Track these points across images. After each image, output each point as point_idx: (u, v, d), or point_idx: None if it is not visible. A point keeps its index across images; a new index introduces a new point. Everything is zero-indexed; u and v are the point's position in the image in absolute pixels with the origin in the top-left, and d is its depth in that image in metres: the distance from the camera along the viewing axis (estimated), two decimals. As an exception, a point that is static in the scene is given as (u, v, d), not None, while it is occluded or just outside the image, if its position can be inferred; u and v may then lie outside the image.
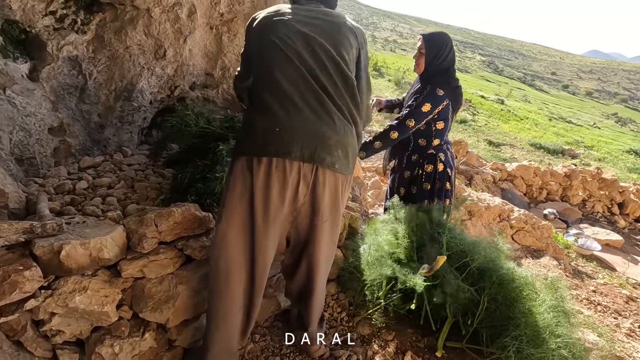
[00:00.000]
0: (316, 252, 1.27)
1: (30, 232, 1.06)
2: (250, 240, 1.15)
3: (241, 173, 1.13)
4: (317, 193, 1.16)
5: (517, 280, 1.56)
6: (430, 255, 1.62)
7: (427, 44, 1.88)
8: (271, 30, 1.20)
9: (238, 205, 1.13)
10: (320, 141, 1.13)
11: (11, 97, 1.83)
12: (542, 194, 5.08)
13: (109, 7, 2.31)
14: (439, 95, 1.84)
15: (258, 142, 1.12)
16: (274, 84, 1.15)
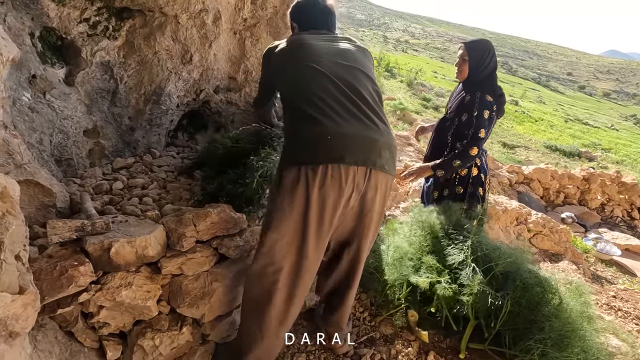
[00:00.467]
0: (359, 252, 1.32)
1: (82, 230, 1.13)
2: (300, 249, 1.17)
3: (294, 184, 1.13)
4: (367, 196, 1.20)
5: (541, 284, 1.57)
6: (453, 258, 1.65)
7: (470, 52, 1.93)
8: (303, 53, 1.29)
9: (290, 216, 1.14)
10: (369, 144, 1.16)
11: (50, 101, 1.92)
12: (560, 198, 5.02)
13: (138, 14, 2.40)
14: (489, 101, 1.88)
15: (310, 151, 1.13)
16: (316, 100, 1.18)
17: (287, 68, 1.32)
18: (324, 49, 1.31)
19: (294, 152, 1.18)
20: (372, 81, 1.30)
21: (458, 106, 1.98)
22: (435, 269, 1.71)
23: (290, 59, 1.33)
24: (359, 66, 1.30)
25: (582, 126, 17.74)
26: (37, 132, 1.75)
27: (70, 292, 1.05)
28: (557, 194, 5.04)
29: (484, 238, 1.71)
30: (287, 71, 1.32)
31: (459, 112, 1.96)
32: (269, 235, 1.17)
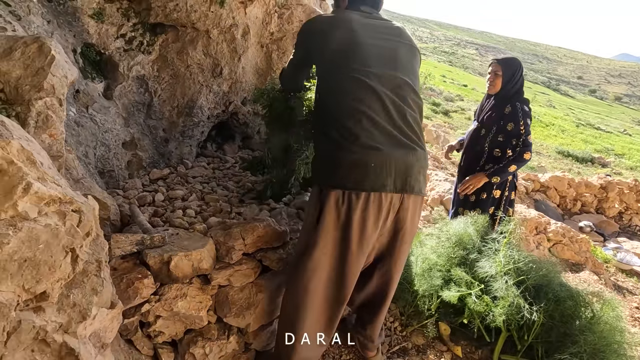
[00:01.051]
0: (393, 267, 1.36)
1: (141, 243, 1.20)
2: (342, 265, 1.22)
3: (336, 205, 1.16)
4: (401, 216, 1.25)
5: (572, 298, 1.60)
6: (485, 271, 1.68)
7: (504, 67, 2.13)
8: (351, 55, 1.21)
9: (333, 234, 1.19)
10: (409, 170, 1.19)
11: (92, 115, 2.01)
12: (577, 206, 5.00)
13: (171, 29, 2.49)
14: (528, 110, 2.10)
15: (353, 177, 1.14)
16: (361, 117, 1.16)
17: (332, 71, 1.24)
18: (374, 50, 1.23)
19: (336, 174, 1.17)
20: (416, 93, 1.30)
21: (498, 117, 2.11)
22: (465, 281, 1.75)
23: (337, 59, 1.23)
24: (407, 77, 1.27)
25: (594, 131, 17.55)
26: (83, 145, 1.84)
27: (135, 303, 1.12)
28: (574, 202, 5.02)
29: (515, 250, 1.75)
30: (332, 74, 1.25)
31: (499, 122, 2.11)
32: (314, 252, 1.20)
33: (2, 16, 1.60)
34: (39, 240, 0.65)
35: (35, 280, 0.65)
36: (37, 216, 0.67)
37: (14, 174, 0.66)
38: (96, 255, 0.78)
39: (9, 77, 1.16)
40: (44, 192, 0.68)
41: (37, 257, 0.65)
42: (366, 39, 1.24)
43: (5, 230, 0.61)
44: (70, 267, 0.71)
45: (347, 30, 1.25)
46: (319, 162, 1.27)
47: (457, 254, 1.89)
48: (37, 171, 0.71)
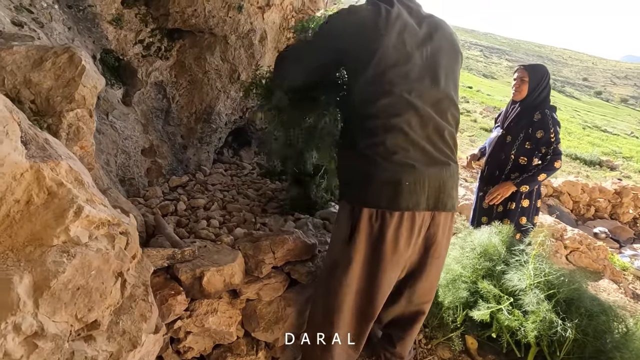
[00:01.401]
0: (424, 284, 1.32)
1: (172, 258, 1.18)
2: (374, 281, 1.19)
3: (369, 222, 1.13)
4: (432, 232, 1.21)
5: (605, 312, 1.56)
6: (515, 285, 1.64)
7: (531, 73, 2.09)
8: (393, 63, 1.10)
9: (365, 250, 1.16)
10: (442, 188, 1.16)
11: (113, 122, 2.00)
12: (590, 211, 4.94)
13: (188, 35, 2.48)
14: (556, 118, 2.05)
15: (387, 196, 1.11)
16: (395, 130, 1.10)
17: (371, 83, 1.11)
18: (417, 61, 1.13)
19: (370, 192, 1.12)
20: (455, 107, 1.24)
21: (526, 124, 2.07)
22: (494, 295, 1.71)
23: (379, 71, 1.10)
24: (448, 88, 1.20)
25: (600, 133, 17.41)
26: (104, 153, 1.82)
27: (169, 321, 1.09)
28: (588, 208, 4.96)
29: (545, 262, 1.71)
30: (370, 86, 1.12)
31: (528, 129, 2.07)
32: (350, 268, 1.16)
33: (27, 24, 1.58)
34: (91, 267, 0.63)
35: (88, 308, 0.62)
36: (88, 241, 0.65)
37: (64, 197, 0.64)
38: (142, 277, 0.75)
39: (40, 88, 1.14)
40: (94, 215, 0.65)
41: (89, 285, 0.63)
42: (412, 48, 1.13)
43: (60, 258, 0.59)
44: (119, 292, 0.68)
45: (396, 38, 1.11)
46: (350, 177, 1.21)
47: (482, 266, 1.85)
48: (86, 192, 0.68)
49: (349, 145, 1.23)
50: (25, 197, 0.62)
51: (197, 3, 2.31)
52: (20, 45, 1.21)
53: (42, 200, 0.63)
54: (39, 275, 0.56)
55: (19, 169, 0.60)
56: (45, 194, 0.63)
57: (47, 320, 0.56)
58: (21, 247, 0.60)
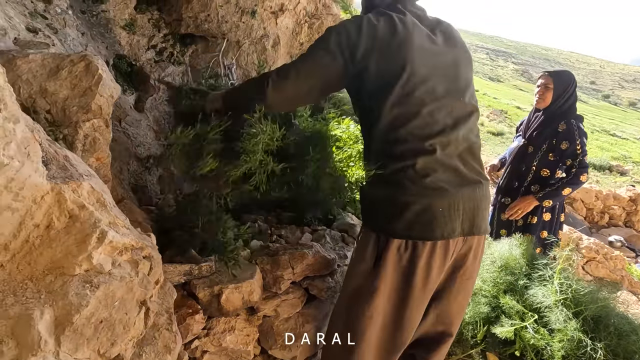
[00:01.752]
0: (451, 305, 1.24)
1: (190, 273, 1.13)
2: (402, 312, 1.10)
3: (398, 252, 1.04)
4: (463, 254, 1.13)
5: (635, 332, 1.50)
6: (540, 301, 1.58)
7: (556, 80, 2.00)
8: (417, 78, 1.00)
9: (393, 279, 1.06)
10: (477, 209, 1.08)
11: (125, 129, 1.97)
12: (604, 219, 4.84)
13: (200, 40, 2.45)
14: (583, 129, 1.95)
15: (419, 226, 1.01)
16: (424, 151, 1.01)
17: (394, 100, 1.01)
18: (440, 72, 1.05)
19: (400, 223, 1.02)
20: (478, 117, 1.17)
21: (550, 134, 1.99)
22: (516, 311, 1.65)
23: (402, 87, 1.00)
24: (472, 100, 1.14)
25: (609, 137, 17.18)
26: (117, 161, 1.79)
27: (186, 341, 1.05)
28: (602, 215, 4.86)
29: (571, 277, 1.64)
30: (393, 104, 1.02)
31: (552, 140, 1.98)
32: (371, 298, 1.06)
33: (42, 30, 1.56)
34: (115, 297, 0.59)
35: (110, 342, 0.58)
36: (111, 268, 0.60)
37: (86, 220, 0.60)
38: (166, 304, 0.71)
39: (56, 97, 1.11)
40: (117, 240, 0.61)
41: (113, 317, 0.58)
42: (434, 60, 1.05)
43: (83, 290, 0.55)
44: (142, 322, 0.64)
45: (419, 50, 1.02)
46: (375, 204, 1.10)
47: (504, 280, 1.79)
48: (109, 215, 0.64)
49: (371, 170, 1.09)
50: (46, 221, 0.58)
51: (210, 8, 2.29)
52: (36, 53, 1.18)
53: (63, 225, 0.59)
54: (60, 310, 0.52)
55: (40, 191, 0.56)
56: (67, 218, 0.59)
57: (68, 359, 0.52)
58: (41, 276, 0.56)
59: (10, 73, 1.11)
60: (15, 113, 0.49)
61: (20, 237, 0.55)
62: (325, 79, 1.05)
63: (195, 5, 2.29)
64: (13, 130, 0.49)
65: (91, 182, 0.66)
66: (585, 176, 1.94)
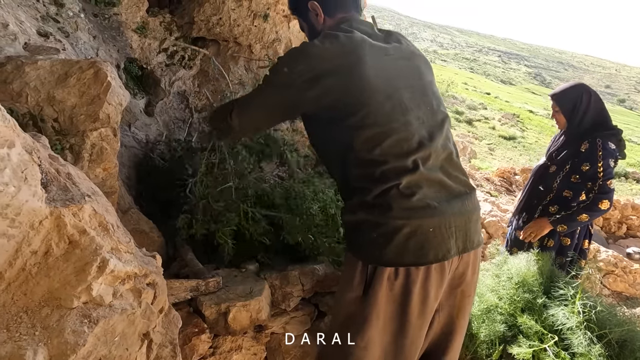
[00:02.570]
0: (455, 321, 1.16)
1: (196, 290, 1.10)
2: (401, 339, 1.01)
3: (388, 280, 0.95)
4: (460, 270, 1.04)
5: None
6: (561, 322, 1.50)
7: (559, 102, 1.88)
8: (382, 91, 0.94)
9: (387, 308, 0.97)
10: (468, 223, 0.99)
11: (135, 134, 1.95)
12: (622, 229, 4.68)
13: (212, 43, 2.42)
14: (612, 149, 1.75)
15: (411, 252, 0.92)
16: (404, 169, 0.93)
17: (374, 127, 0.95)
18: (407, 86, 1.00)
19: (389, 251, 0.93)
20: (449, 122, 1.09)
21: (572, 154, 1.85)
22: (535, 332, 1.57)
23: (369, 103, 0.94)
24: (441, 105, 1.07)
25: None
26: (126, 167, 1.76)
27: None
28: (619, 225, 4.71)
29: (594, 299, 1.56)
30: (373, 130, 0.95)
31: (574, 160, 1.84)
32: (363, 328, 0.97)
33: (53, 34, 1.54)
34: (115, 332, 0.54)
35: (110, 381, 0.54)
36: (112, 300, 0.56)
37: (87, 247, 0.56)
38: (170, 334, 0.67)
39: (64, 105, 1.08)
40: (120, 269, 0.57)
41: (112, 354, 0.54)
42: (396, 72, 0.99)
43: (80, 326, 0.50)
44: (145, 357, 0.59)
45: (379, 65, 0.96)
46: (358, 231, 0.98)
47: (521, 297, 1.71)
48: (111, 240, 0.60)
49: (353, 193, 1.00)
50: (44, 247, 0.54)
51: (222, 11, 2.26)
52: (45, 59, 1.16)
53: (62, 251, 0.55)
54: (55, 349, 0.48)
55: (38, 216, 0.52)
56: (66, 244, 0.56)
57: (63, 403, 0.48)
58: (37, 308, 0.52)
59: (18, 80, 1.09)
60: (9, 137, 0.45)
61: (16, 266, 0.51)
62: (282, 108, 1.01)
63: (208, 9, 2.27)
64: (7, 156, 0.45)
65: (93, 203, 0.62)
66: (606, 203, 1.74)
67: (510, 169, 5.13)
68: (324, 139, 1.05)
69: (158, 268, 0.68)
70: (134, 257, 0.63)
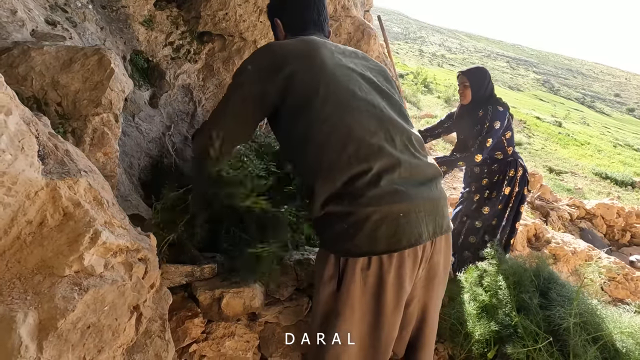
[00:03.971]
0: (429, 309, 1.15)
1: (191, 275, 1.11)
2: (377, 331, 1.00)
3: (361, 272, 0.94)
4: (435, 260, 1.05)
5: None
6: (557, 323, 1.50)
7: (471, 78, 2.24)
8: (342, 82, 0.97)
9: (361, 300, 0.96)
10: (436, 208, 0.99)
11: (138, 124, 1.97)
12: (625, 237, 4.63)
13: (218, 38, 2.45)
14: (500, 110, 2.17)
15: (382, 239, 0.91)
16: (376, 148, 0.93)
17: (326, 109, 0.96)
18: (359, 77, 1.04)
19: (359, 240, 0.92)
20: (406, 109, 1.12)
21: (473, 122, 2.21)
22: (530, 332, 1.57)
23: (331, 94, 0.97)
24: (399, 97, 1.11)
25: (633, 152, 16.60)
26: (129, 156, 1.79)
27: (184, 345, 1.02)
28: (623, 233, 4.66)
29: (590, 300, 1.56)
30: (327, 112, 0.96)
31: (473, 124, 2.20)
32: (337, 323, 0.97)
33: (60, 23, 1.57)
34: (105, 302, 0.56)
35: (97, 349, 0.55)
36: (103, 271, 0.57)
37: (80, 219, 0.57)
38: (160, 310, 0.68)
39: (68, 90, 1.10)
40: (112, 242, 0.58)
41: (101, 322, 0.55)
42: (351, 63, 1.04)
43: (70, 293, 0.52)
44: (133, 329, 0.61)
45: (329, 55, 1.00)
46: (326, 222, 0.97)
47: (516, 297, 1.71)
48: (105, 214, 0.62)
49: (320, 187, 0.97)
50: (39, 218, 0.55)
51: (228, 7, 2.28)
52: (51, 45, 1.18)
53: (56, 222, 0.57)
54: (45, 314, 0.49)
55: (34, 187, 0.53)
56: (61, 215, 0.57)
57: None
58: (30, 275, 0.54)
59: (24, 64, 1.11)
60: (7, 104, 0.46)
61: (11, 234, 0.53)
62: (252, 105, 1.02)
63: (214, 3, 2.29)
64: (4, 122, 0.46)
65: (89, 178, 0.63)
66: (479, 157, 2.12)
67: (514, 173, 5.11)
68: (289, 135, 1.05)
69: (151, 246, 0.69)
70: (127, 232, 0.65)
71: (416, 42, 47.37)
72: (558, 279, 1.75)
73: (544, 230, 3.35)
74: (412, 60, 31.27)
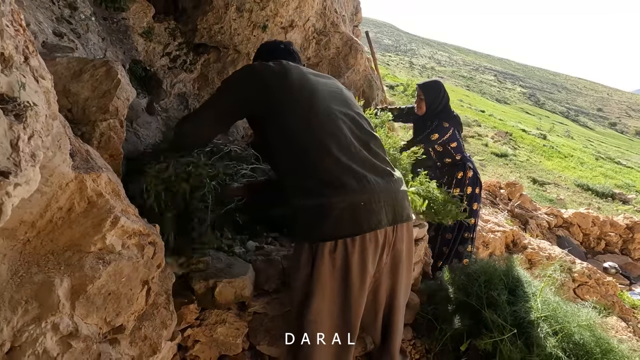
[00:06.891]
0: (394, 300, 1.28)
1: (187, 266, 1.22)
2: (346, 307, 1.14)
3: (330, 255, 1.08)
4: (398, 248, 1.20)
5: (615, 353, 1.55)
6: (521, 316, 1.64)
7: (425, 92, 2.46)
8: (307, 93, 1.20)
9: (331, 282, 1.10)
10: (395, 199, 1.16)
11: (136, 130, 2.08)
12: (600, 245, 4.86)
13: (213, 50, 2.59)
14: (445, 126, 2.43)
15: (346, 224, 1.08)
16: (331, 155, 1.11)
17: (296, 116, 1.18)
18: (325, 88, 1.27)
19: (326, 226, 1.08)
20: (371, 126, 1.31)
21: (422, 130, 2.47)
22: (497, 325, 1.71)
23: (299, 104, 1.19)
24: (357, 107, 1.32)
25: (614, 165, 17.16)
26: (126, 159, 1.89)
27: (179, 328, 1.13)
28: (598, 241, 4.89)
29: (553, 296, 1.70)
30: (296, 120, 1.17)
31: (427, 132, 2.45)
32: (312, 305, 1.10)
33: (66, 34, 1.69)
34: (122, 274, 0.67)
35: (116, 313, 0.67)
36: (121, 249, 0.69)
37: (102, 206, 0.69)
38: (165, 286, 0.80)
39: (78, 98, 1.22)
40: (128, 226, 0.70)
41: (119, 291, 0.67)
42: (313, 81, 1.26)
43: (96, 264, 0.63)
44: (144, 299, 0.72)
45: (297, 74, 1.24)
46: (301, 214, 1.15)
47: (487, 294, 1.85)
48: (122, 203, 0.74)
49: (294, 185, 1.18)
50: (68, 205, 0.67)
51: (224, 21, 2.43)
52: (62, 56, 1.30)
53: (82, 209, 0.68)
54: (77, 280, 0.61)
55: (66, 179, 0.65)
56: (86, 203, 0.69)
57: (80, 322, 0.61)
58: (61, 251, 0.65)
59: (39, 73, 1.23)
60: (56, 111, 0.58)
61: (45, 217, 0.64)
62: (234, 108, 1.30)
63: (210, 17, 2.44)
64: (52, 126, 0.59)
65: (109, 174, 0.75)
66: (436, 135, 2.39)
67: (496, 182, 5.34)
68: (265, 137, 1.27)
69: (158, 233, 0.81)
70: (139, 220, 0.77)
71: (406, 55, 48.31)
72: (526, 278, 1.90)
73: (521, 237, 3.54)
74: (402, 72, 31.87)
